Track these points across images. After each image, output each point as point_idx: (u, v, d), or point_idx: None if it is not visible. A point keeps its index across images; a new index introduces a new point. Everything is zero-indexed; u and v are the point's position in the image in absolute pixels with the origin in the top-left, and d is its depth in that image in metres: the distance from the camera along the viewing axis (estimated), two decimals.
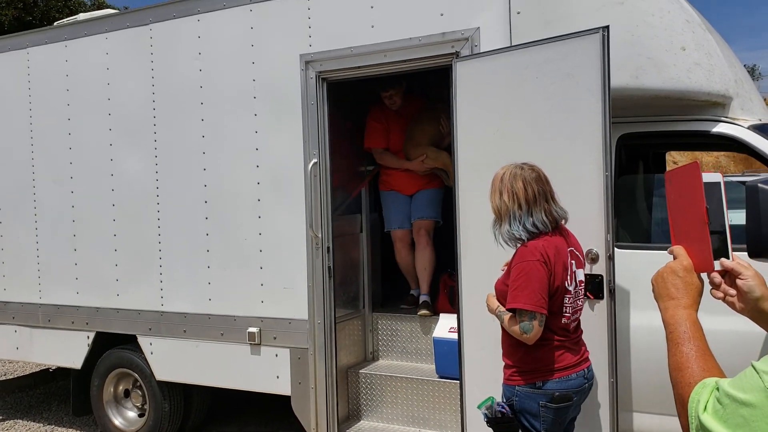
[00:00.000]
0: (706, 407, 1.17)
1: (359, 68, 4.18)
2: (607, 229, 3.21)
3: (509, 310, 2.86)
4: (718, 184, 1.42)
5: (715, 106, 3.51)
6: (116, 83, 4.99)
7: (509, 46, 3.64)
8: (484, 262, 3.50)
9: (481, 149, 3.61)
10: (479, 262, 3.60)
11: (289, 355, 4.46)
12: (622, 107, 3.49)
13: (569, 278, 2.87)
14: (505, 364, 3.00)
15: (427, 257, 5.03)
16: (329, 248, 4.36)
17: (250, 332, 4.54)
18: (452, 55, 3.85)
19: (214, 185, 4.65)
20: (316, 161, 4.29)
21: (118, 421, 5.30)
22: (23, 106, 5.43)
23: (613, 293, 3.24)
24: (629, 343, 3.46)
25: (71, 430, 5.79)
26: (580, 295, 2.97)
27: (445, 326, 4.47)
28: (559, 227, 2.94)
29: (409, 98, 5.17)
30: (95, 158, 5.11)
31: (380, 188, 5.26)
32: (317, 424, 4.41)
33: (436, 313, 4.80)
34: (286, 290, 4.45)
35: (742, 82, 3.63)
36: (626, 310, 3.45)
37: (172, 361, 4.88)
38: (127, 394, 5.34)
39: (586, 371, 2.96)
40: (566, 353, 2.89)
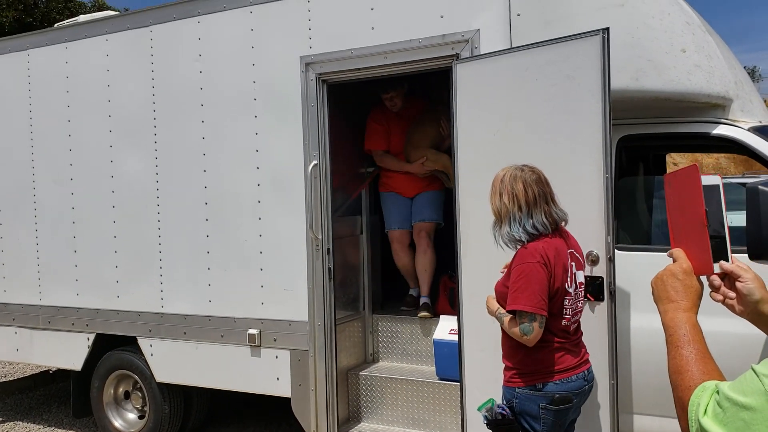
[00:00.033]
0: (706, 411, 1.17)
1: (359, 70, 4.18)
2: (607, 230, 3.20)
3: (509, 311, 2.86)
4: (717, 186, 1.42)
5: (715, 107, 3.51)
6: (116, 85, 5.00)
7: (509, 47, 3.64)
8: (484, 263, 3.50)
9: (481, 151, 3.61)
10: (479, 263, 3.60)
11: (289, 356, 4.46)
12: (622, 109, 3.49)
13: (569, 280, 2.87)
14: (505, 366, 2.99)
15: (427, 259, 5.02)
16: (329, 250, 4.36)
17: (250, 334, 4.54)
18: (452, 56, 3.85)
19: (214, 187, 4.65)
20: (316, 163, 4.29)
21: (118, 422, 5.29)
22: (23, 107, 5.44)
23: (613, 295, 3.24)
24: (630, 344, 3.45)
25: (71, 431, 5.79)
26: (580, 296, 2.97)
27: (445, 328, 4.46)
28: (558, 229, 2.94)
29: (410, 100, 5.17)
30: (95, 160, 5.11)
31: (380, 190, 5.26)
32: (317, 426, 4.40)
33: (436, 314, 4.79)
34: (286, 292, 4.45)
35: (742, 83, 3.63)
36: (627, 311, 3.45)
37: (172, 362, 4.88)
38: (127, 395, 5.34)
39: (586, 373, 2.96)
40: (566, 355, 2.89)
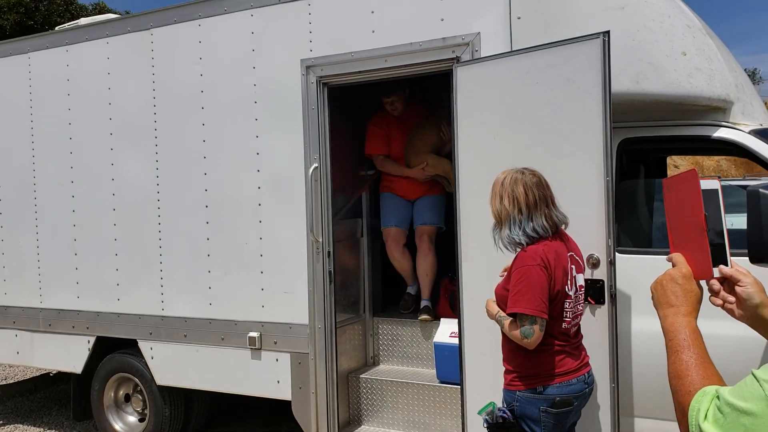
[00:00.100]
0: (706, 416, 1.16)
1: (360, 73, 4.18)
2: (608, 234, 3.20)
3: (510, 314, 2.85)
4: (716, 191, 1.42)
5: (715, 110, 3.51)
6: (117, 88, 5.00)
7: (510, 51, 3.64)
8: (484, 266, 3.49)
9: (481, 154, 3.61)
10: (480, 266, 3.60)
11: (289, 359, 4.45)
12: (622, 112, 3.49)
13: (569, 283, 2.87)
14: (505, 369, 2.99)
15: (428, 263, 5.01)
16: (330, 253, 4.36)
17: (250, 337, 4.54)
18: (453, 60, 3.85)
19: (214, 190, 4.65)
20: (316, 166, 4.29)
21: (118, 425, 5.29)
22: (24, 110, 5.44)
23: (614, 298, 3.23)
24: (630, 348, 3.45)
25: None
26: (580, 299, 2.96)
27: (445, 331, 4.45)
28: (558, 232, 2.94)
29: (410, 104, 5.16)
30: (96, 162, 5.11)
31: (381, 191, 5.25)
32: (318, 428, 4.40)
33: (437, 317, 4.79)
34: (286, 295, 4.44)
35: (742, 86, 3.63)
36: (627, 315, 3.44)
37: (172, 365, 4.87)
38: (127, 398, 5.33)
39: (586, 376, 2.95)
40: (567, 358, 2.89)
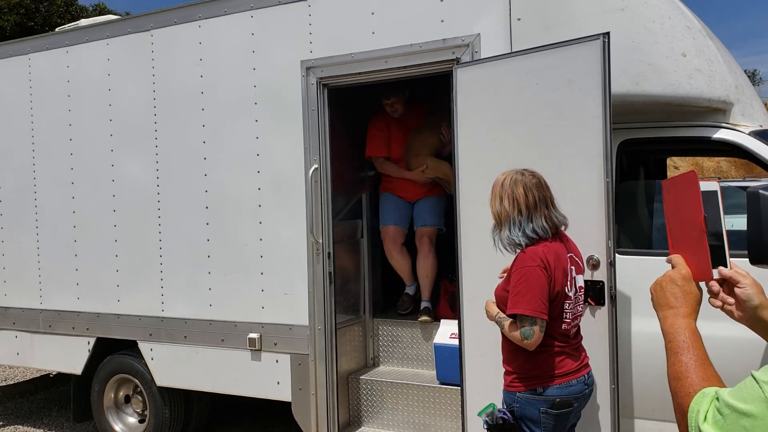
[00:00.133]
0: (706, 417, 1.16)
1: (360, 74, 4.18)
2: (608, 235, 3.20)
3: (510, 315, 2.85)
4: (715, 192, 1.42)
5: (716, 112, 3.51)
6: (117, 89, 5.00)
7: (510, 52, 3.64)
8: (485, 267, 3.49)
9: (481, 155, 3.61)
10: (480, 267, 3.59)
11: (289, 361, 4.45)
12: (622, 113, 3.50)
13: (569, 284, 2.87)
14: (505, 370, 2.99)
15: (429, 265, 5.01)
16: (330, 254, 4.36)
17: (250, 338, 4.53)
18: (453, 61, 3.85)
19: (215, 191, 4.65)
20: (316, 167, 4.30)
21: (118, 427, 5.29)
22: (25, 111, 5.44)
23: (614, 299, 3.23)
24: (631, 349, 3.45)
25: None
26: (580, 300, 2.96)
27: (446, 332, 4.45)
28: (558, 233, 2.94)
29: (411, 106, 5.16)
30: (96, 164, 5.12)
31: (380, 191, 5.24)
32: (318, 430, 4.40)
33: (437, 319, 4.79)
34: (286, 296, 4.44)
35: (742, 87, 3.63)
36: (627, 316, 3.44)
37: (172, 366, 4.87)
38: (127, 399, 5.33)
39: (586, 377, 2.95)
40: (567, 359, 2.89)
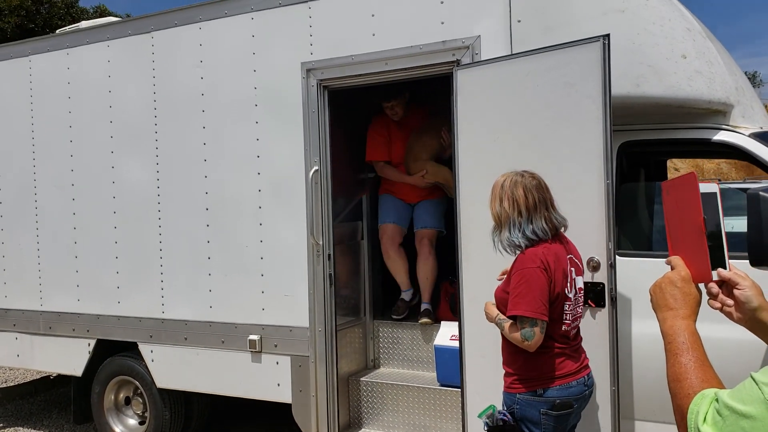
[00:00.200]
0: (705, 418, 1.16)
1: (360, 76, 4.18)
2: (608, 236, 3.20)
3: (510, 317, 2.85)
4: (714, 194, 1.42)
5: (716, 113, 3.51)
6: (118, 90, 5.01)
7: (510, 54, 3.65)
8: (485, 269, 3.49)
9: (481, 156, 3.61)
10: (480, 269, 3.59)
11: (289, 362, 4.45)
12: (623, 115, 3.50)
13: (569, 285, 2.87)
14: (505, 372, 2.99)
15: (429, 267, 5.01)
16: (330, 255, 4.36)
17: (250, 340, 4.53)
18: (453, 63, 3.86)
19: (215, 192, 4.66)
20: (317, 168, 4.30)
21: (118, 428, 5.29)
22: (25, 113, 5.45)
23: (614, 301, 3.23)
24: (631, 351, 3.45)
25: None
26: (579, 302, 2.97)
27: (446, 334, 4.45)
28: (558, 235, 2.94)
29: (411, 109, 5.15)
30: (97, 165, 5.12)
31: (380, 192, 5.24)
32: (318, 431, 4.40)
33: (437, 320, 4.78)
34: (287, 297, 4.44)
35: (743, 89, 3.63)
36: (628, 318, 3.44)
37: (173, 368, 4.87)
38: (127, 401, 5.33)
39: (586, 378, 2.95)
40: (567, 360, 2.89)
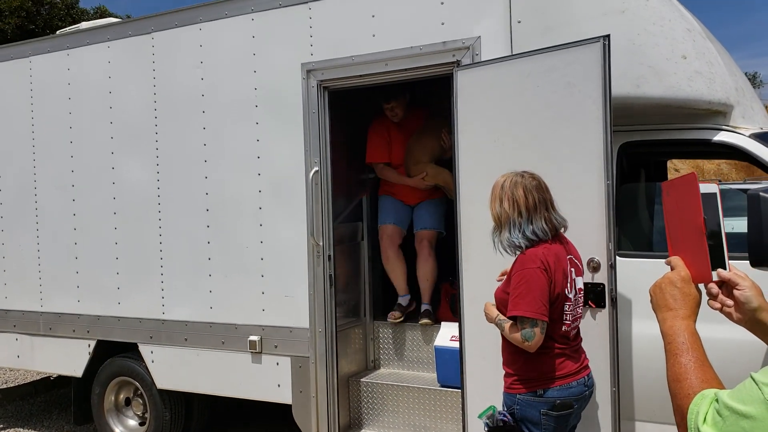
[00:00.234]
0: (705, 419, 1.16)
1: (360, 77, 4.18)
2: (608, 237, 3.20)
3: (510, 317, 2.85)
4: (714, 194, 1.42)
5: (716, 114, 3.51)
6: (118, 91, 5.01)
7: (510, 54, 3.64)
8: (485, 269, 3.49)
9: (482, 157, 3.61)
10: (481, 269, 3.59)
11: (290, 363, 4.45)
12: (623, 116, 3.49)
13: (569, 286, 2.87)
14: (505, 372, 2.99)
15: (429, 268, 5.00)
16: (330, 256, 4.36)
17: (251, 340, 4.53)
18: (453, 63, 3.86)
19: (215, 193, 4.66)
20: (317, 169, 4.30)
21: (119, 429, 5.29)
22: (25, 114, 5.45)
23: (615, 302, 3.23)
24: (631, 351, 3.45)
25: None
26: (579, 302, 2.97)
27: (446, 335, 4.45)
28: (558, 235, 2.94)
29: (411, 109, 5.15)
30: (97, 166, 5.12)
31: (380, 193, 5.24)
32: None
33: (437, 321, 4.78)
34: (287, 298, 4.44)
35: (743, 90, 3.63)
36: (628, 318, 3.44)
37: (173, 369, 4.87)
38: (128, 402, 5.33)
39: (586, 379, 2.95)
40: (567, 361, 2.89)
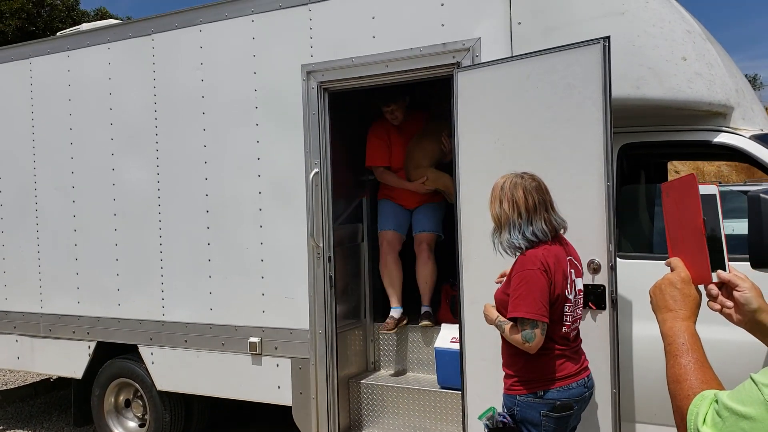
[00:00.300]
0: (705, 420, 1.16)
1: (361, 78, 4.19)
2: (609, 239, 3.20)
3: (510, 319, 2.85)
4: (714, 196, 1.42)
5: (716, 116, 3.51)
6: (118, 93, 5.01)
7: (510, 56, 3.65)
8: (485, 271, 3.49)
9: (482, 158, 3.61)
10: (481, 271, 3.59)
11: (290, 365, 4.45)
12: (623, 117, 3.50)
13: (569, 287, 2.87)
14: (505, 374, 2.99)
15: (428, 271, 5.00)
16: (330, 258, 4.36)
17: (251, 342, 4.53)
18: (453, 65, 3.86)
19: (215, 195, 4.66)
20: (317, 171, 4.30)
21: (118, 431, 5.28)
22: (26, 115, 5.45)
23: (615, 303, 3.23)
24: (632, 353, 3.44)
25: None
26: (579, 304, 2.96)
27: (446, 336, 4.45)
28: (558, 236, 2.94)
29: (411, 112, 5.14)
30: (97, 168, 5.12)
31: (379, 197, 5.24)
32: None
33: (437, 323, 4.78)
34: (287, 300, 4.44)
35: (743, 91, 3.63)
36: (628, 320, 3.44)
37: (173, 371, 4.87)
38: (128, 404, 5.33)
39: (586, 380, 2.95)
40: (567, 362, 2.89)
